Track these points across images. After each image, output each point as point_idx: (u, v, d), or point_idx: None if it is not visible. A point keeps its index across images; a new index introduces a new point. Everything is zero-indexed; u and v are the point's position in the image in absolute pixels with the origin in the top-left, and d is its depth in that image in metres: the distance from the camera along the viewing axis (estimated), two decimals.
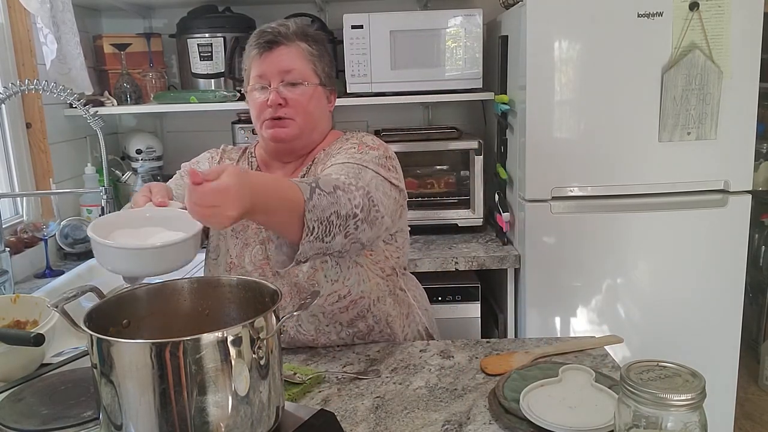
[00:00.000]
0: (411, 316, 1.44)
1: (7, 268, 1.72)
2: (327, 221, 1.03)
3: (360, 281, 1.31)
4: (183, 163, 1.46)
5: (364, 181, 1.15)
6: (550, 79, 1.94)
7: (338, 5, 2.56)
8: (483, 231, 2.36)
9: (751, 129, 1.96)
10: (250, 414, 0.83)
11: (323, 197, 1.03)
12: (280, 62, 1.28)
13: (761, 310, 3.03)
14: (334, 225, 1.04)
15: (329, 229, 1.03)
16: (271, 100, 1.27)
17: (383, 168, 1.24)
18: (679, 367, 0.84)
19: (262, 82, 1.29)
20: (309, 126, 1.32)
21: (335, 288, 1.29)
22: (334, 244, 1.06)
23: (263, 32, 1.30)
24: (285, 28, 1.30)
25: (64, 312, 0.84)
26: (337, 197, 1.05)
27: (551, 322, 2.07)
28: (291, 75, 1.28)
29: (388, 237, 1.36)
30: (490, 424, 1.04)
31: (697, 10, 1.87)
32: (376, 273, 1.35)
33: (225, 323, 0.97)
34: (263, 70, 1.29)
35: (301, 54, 1.30)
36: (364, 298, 1.33)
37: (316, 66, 1.32)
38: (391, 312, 1.39)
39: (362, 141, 1.31)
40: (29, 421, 0.98)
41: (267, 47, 1.28)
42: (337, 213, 1.04)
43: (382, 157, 1.26)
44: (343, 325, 1.35)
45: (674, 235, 2.01)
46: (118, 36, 2.42)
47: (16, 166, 2.07)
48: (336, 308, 1.31)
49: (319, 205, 1.01)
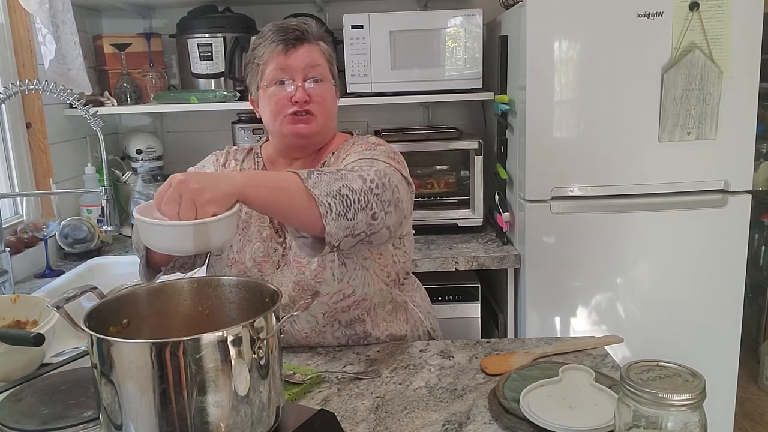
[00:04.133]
0: (411, 321, 1.44)
1: (7, 268, 1.73)
2: (340, 195, 1.03)
3: (365, 284, 1.31)
4: (189, 169, 1.47)
5: (377, 167, 1.16)
6: (550, 79, 1.94)
7: (338, 5, 2.56)
8: (483, 231, 2.36)
9: (751, 129, 1.96)
10: (250, 414, 0.83)
11: (323, 175, 1.04)
12: (306, 57, 1.29)
13: (761, 310, 3.03)
14: (351, 201, 1.04)
15: (347, 205, 1.04)
16: (298, 96, 1.27)
17: (393, 161, 1.25)
18: (679, 367, 0.84)
19: (284, 76, 1.29)
20: (328, 123, 1.34)
21: (341, 287, 1.29)
22: (359, 223, 1.06)
23: (289, 29, 1.29)
24: (309, 27, 1.31)
25: (64, 312, 0.84)
26: (341, 175, 1.07)
27: (551, 322, 2.07)
28: (315, 71, 1.29)
29: (397, 241, 1.36)
30: (490, 424, 1.04)
31: (697, 10, 1.87)
32: (382, 278, 1.35)
33: (225, 323, 0.97)
34: (288, 64, 1.28)
35: (322, 54, 1.32)
36: (367, 300, 1.33)
37: (332, 66, 1.35)
38: (389, 318, 1.39)
39: (368, 141, 1.33)
40: (29, 421, 0.98)
41: (293, 44, 1.28)
42: (349, 188, 1.05)
43: (390, 152, 1.29)
44: (341, 324, 1.34)
45: (674, 235, 2.01)
46: (118, 36, 2.42)
47: (16, 166, 2.07)
48: (339, 307, 1.31)
49: (320, 180, 1.03)
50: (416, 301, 1.47)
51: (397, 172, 1.21)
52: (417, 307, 1.46)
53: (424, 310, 1.49)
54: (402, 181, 1.20)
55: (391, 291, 1.38)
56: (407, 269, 1.44)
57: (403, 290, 1.44)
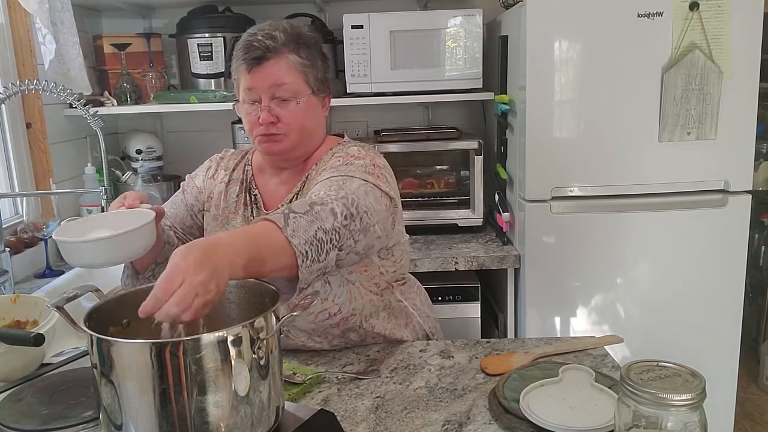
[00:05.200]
0: (410, 325, 1.42)
1: (7, 268, 1.72)
2: (316, 240, 0.98)
3: (351, 299, 1.29)
4: (187, 175, 1.47)
5: (347, 190, 1.10)
6: (550, 79, 1.94)
7: (338, 5, 2.56)
8: (483, 231, 2.36)
9: (751, 129, 1.96)
10: (250, 414, 0.83)
11: (299, 218, 0.98)
12: (270, 77, 1.22)
13: (761, 310, 3.03)
14: (324, 242, 1.00)
15: (321, 247, 0.99)
16: (263, 119, 1.23)
17: (371, 175, 1.18)
18: (679, 367, 0.84)
19: (252, 96, 1.25)
20: (303, 139, 1.29)
21: (325, 306, 1.27)
22: (329, 261, 1.02)
23: (251, 46, 1.22)
24: (273, 41, 1.22)
25: (64, 312, 0.84)
26: (315, 213, 1.01)
27: (551, 322, 2.07)
28: (282, 90, 1.23)
29: (384, 252, 1.31)
30: (490, 424, 1.04)
31: (697, 10, 1.87)
32: (370, 289, 1.32)
33: (225, 323, 0.97)
34: (253, 84, 1.23)
35: (292, 66, 1.24)
36: (355, 316, 1.31)
37: (307, 76, 1.26)
38: (386, 325, 1.37)
39: (347, 152, 1.27)
40: (29, 421, 0.98)
41: (257, 62, 1.22)
42: (323, 229, 1.00)
43: (369, 165, 1.21)
44: (335, 335, 1.34)
45: (674, 235, 2.01)
46: (118, 36, 2.42)
47: (16, 166, 2.07)
48: (327, 324, 1.30)
49: (298, 227, 0.97)
50: (416, 305, 1.45)
51: (375, 188, 1.16)
52: (416, 310, 1.44)
53: (423, 314, 1.46)
54: (380, 198, 1.16)
55: (382, 299, 1.35)
56: (400, 275, 1.39)
57: (402, 294, 1.41)
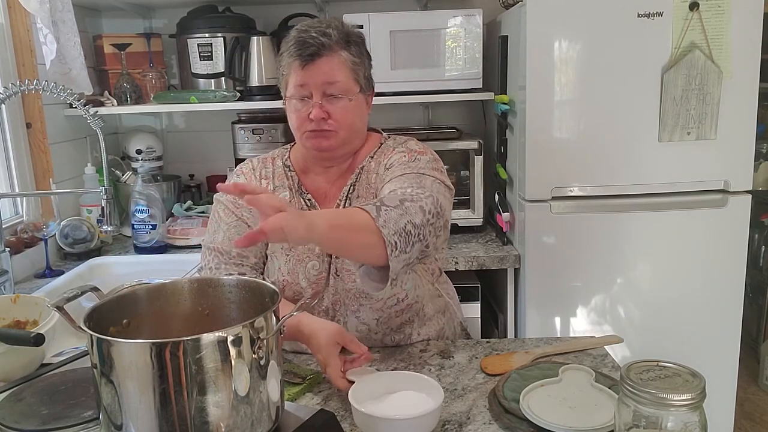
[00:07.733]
0: (448, 313, 1.46)
1: (7, 268, 1.72)
2: (404, 232, 1.05)
3: (415, 286, 1.33)
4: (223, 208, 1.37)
5: (430, 189, 1.17)
6: (550, 79, 1.94)
7: (338, 5, 2.56)
8: (483, 231, 2.36)
9: (751, 129, 1.96)
10: (250, 414, 0.83)
11: (390, 211, 1.06)
12: (323, 74, 1.24)
13: (761, 310, 3.03)
14: (412, 235, 1.07)
15: (408, 240, 1.06)
16: (315, 115, 1.24)
17: (437, 171, 1.26)
18: (679, 367, 0.84)
19: (302, 93, 1.26)
20: (351, 136, 1.32)
21: (395, 291, 1.30)
22: (413, 254, 1.09)
23: (305, 42, 1.23)
24: (328, 39, 1.24)
25: (64, 312, 0.84)
26: (406, 208, 1.09)
27: (551, 322, 2.07)
28: (334, 87, 1.25)
29: None
30: (490, 424, 1.04)
31: (697, 10, 1.87)
32: (427, 278, 1.37)
33: (225, 323, 0.97)
34: (305, 80, 1.24)
35: (344, 64, 1.26)
36: (418, 303, 1.35)
37: (357, 74, 1.28)
38: (432, 316, 1.41)
39: (408, 148, 1.32)
40: (29, 421, 0.98)
41: (310, 59, 1.23)
42: (413, 223, 1.08)
43: (433, 160, 1.29)
44: (392, 330, 1.35)
45: (674, 235, 2.01)
46: (118, 36, 2.42)
47: (16, 166, 2.07)
48: (393, 311, 1.32)
49: (389, 218, 1.04)
50: (449, 293, 1.49)
51: (442, 185, 1.23)
52: (451, 299, 1.48)
53: (457, 303, 1.51)
54: (446, 194, 1.22)
55: (435, 288, 1.40)
56: (443, 264, 1.45)
57: (439, 283, 1.45)
